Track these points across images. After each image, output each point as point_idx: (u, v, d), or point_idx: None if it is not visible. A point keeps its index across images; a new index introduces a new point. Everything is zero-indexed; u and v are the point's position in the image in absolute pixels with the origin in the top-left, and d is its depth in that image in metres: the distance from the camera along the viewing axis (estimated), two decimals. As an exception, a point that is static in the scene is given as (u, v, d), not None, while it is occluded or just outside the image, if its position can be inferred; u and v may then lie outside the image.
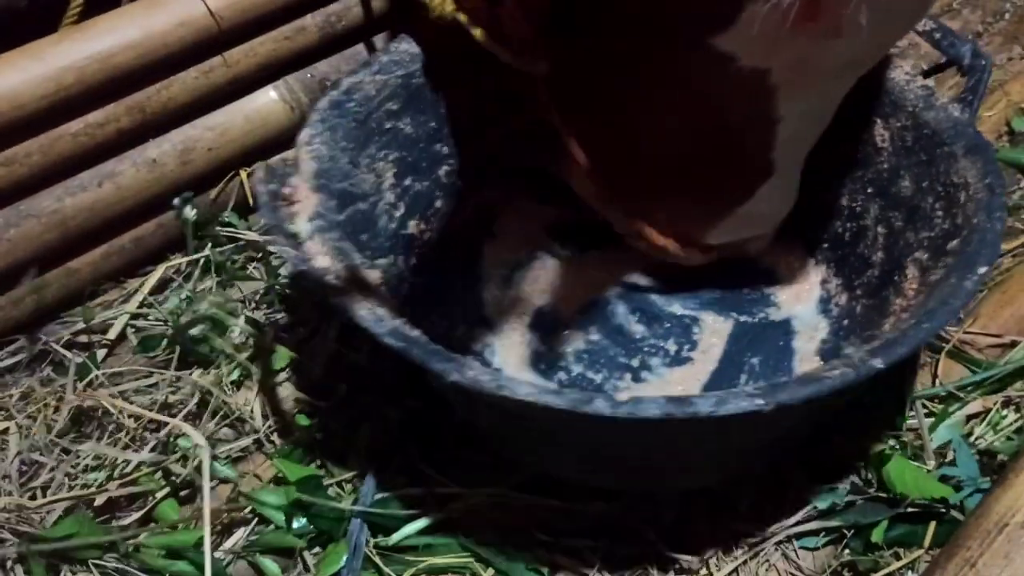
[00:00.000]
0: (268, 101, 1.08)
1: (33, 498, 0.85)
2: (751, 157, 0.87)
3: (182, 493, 0.87)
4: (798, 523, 0.84)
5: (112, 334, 1.00)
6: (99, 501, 0.85)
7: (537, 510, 0.85)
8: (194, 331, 0.97)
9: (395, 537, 0.84)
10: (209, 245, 1.05)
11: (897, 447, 0.88)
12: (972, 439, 0.89)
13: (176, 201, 1.04)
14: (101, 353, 0.99)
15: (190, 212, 1.03)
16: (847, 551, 0.83)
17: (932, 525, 0.83)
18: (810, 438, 0.88)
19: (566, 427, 0.74)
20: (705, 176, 0.89)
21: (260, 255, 1.06)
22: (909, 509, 0.83)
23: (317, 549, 0.84)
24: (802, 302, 1.01)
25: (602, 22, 0.83)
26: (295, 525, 0.85)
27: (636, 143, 0.90)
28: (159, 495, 0.86)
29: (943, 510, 0.83)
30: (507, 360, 0.96)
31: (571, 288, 1.02)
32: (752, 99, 0.80)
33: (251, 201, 1.10)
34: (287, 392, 0.95)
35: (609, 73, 0.86)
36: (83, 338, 1.00)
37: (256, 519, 0.86)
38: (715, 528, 0.84)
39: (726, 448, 0.82)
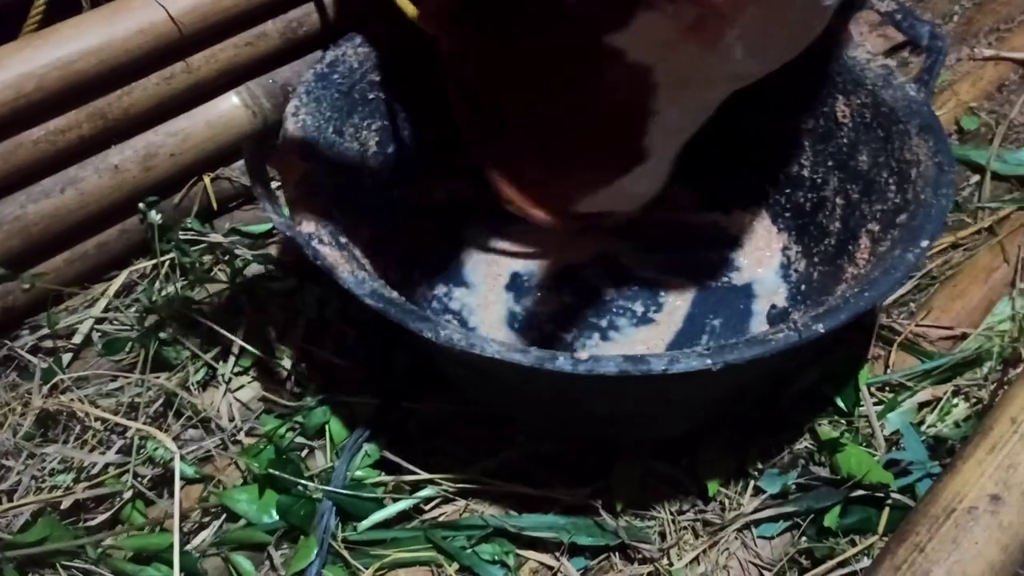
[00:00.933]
0: (230, 106, 1.07)
1: (-1, 502, 0.85)
2: (628, 141, 0.89)
3: (149, 493, 0.86)
4: (756, 510, 0.85)
5: (77, 339, 1.00)
6: (66, 504, 0.85)
7: (504, 498, 0.86)
8: (162, 334, 0.96)
9: (364, 524, 0.84)
10: (174, 249, 1.04)
11: (849, 433, 0.89)
12: (923, 427, 0.90)
13: (141, 206, 1.03)
14: (67, 358, 0.98)
15: (155, 216, 1.03)
16: (804, 538, 0.84)
17: (886, 512, 0.84)
18: (766, 399, 0.91)
19: (532, 382, 0.77)
20: (585, 151, 0.92)
21: (226, 257, 1.06)
22: (860, 492, 0.84)
23: (285, 547, 0.85)
24: (763, 267, 1.05)
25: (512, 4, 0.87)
26: (265, 521, 0.85)
27: (532, 110, 0.92)
28: (126, 496, 0.85)
29: (896, 496, 0.84)
30: (484, 320, 1.00)
31: (546, 252, 1.06)
32: (634, 91, 0.83)
33: (214, 205, 1.10)
34: (254, 392, 0.95)
35: (514, 47, 0.90)
36: (48, 343, 0.99)
37: (225, 516, 0.87)
38: (676, 517, 0.85)
39: (685, 402, 0.86)
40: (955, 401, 0.92)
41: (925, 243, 0.78)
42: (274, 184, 0.94)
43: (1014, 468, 0.73)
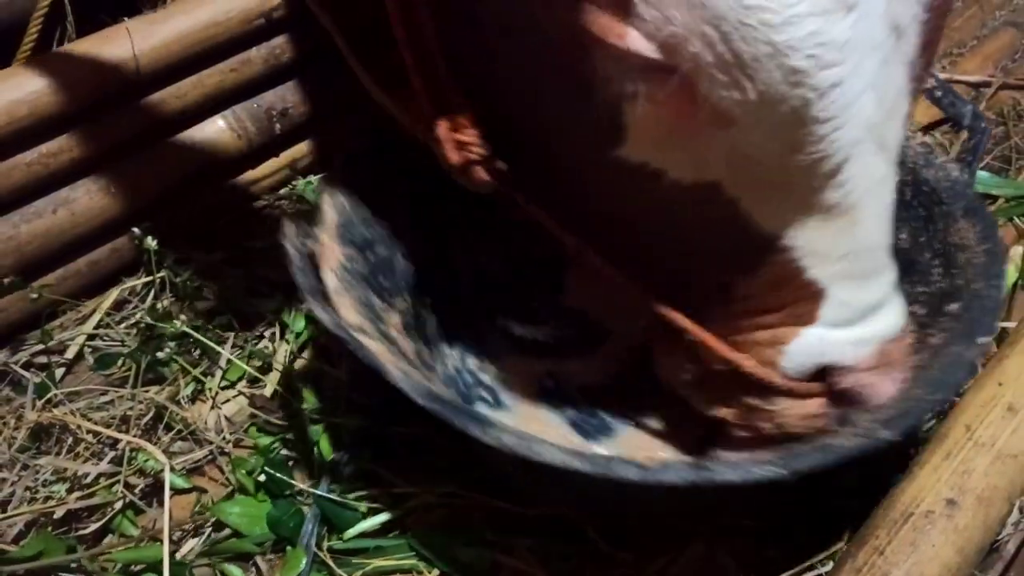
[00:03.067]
0: (216, 130, 1.08)
1: (-7, 512, 0.84)
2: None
3: (140, 503, 0.86)
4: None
5: (70, 354, 0.99)
6: (59, 513, 0.84)
7: (485, 509, 0.86)
8: (147, 357, 0.96)
9: (349, 533, 0.84)
10: (165, 268, 1.04)
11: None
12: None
13: (136, 231, 1.02)
14: (60, 372, 0.98)
15: (151, 242, 1.02)
16: (772, 544, 0.84)
17: (851, 518, 0.84)
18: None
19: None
20: None
21: (216, 276, 1.05)
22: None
23: (272, 557, 0.84)
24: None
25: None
26: (255, 532, 0.85)
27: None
28: (117, 506, 0.85)
29: (860, 504, 0.84)
30: (517, 392, 0.93)
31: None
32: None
33: (204, 225, 1.09)
34: (240, 406, 0.95)
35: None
36: (42, 358, 0.99)
37: (212, 527, 0.86)
38: (646, 524, 0.85)
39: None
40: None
41: (984, 340, 0.75)
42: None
43: (968, 474, 0.73)
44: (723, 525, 0.85)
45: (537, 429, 0.70)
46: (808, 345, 0.72)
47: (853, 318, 0.72)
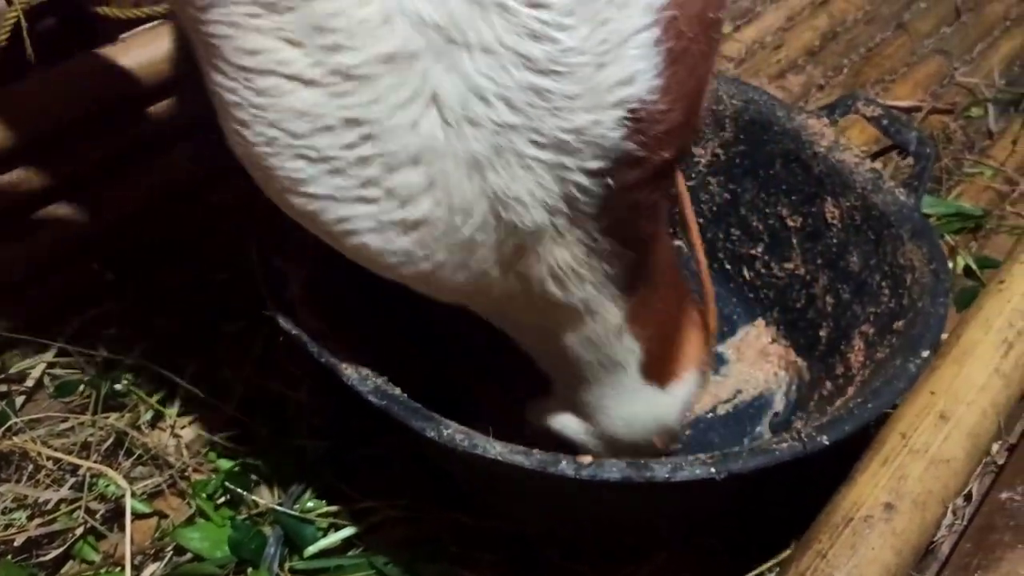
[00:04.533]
0: (179, 157, 1.07)
1: (-47, 541, 0.83)
2: None
3: (100, 528, 0.85)
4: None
5: (30, 382, 0.98)
6: (19, 540, 0.83)
7: (447, 523, 0.86)
8: (107, 384, 0.95)
9: (310, 551, 0.83)
10: (123, 295, 1.03)
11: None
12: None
13: (96, 261, 1.01)
14: (19, 400, 0.96)
15: (109, 273, 1.01)
16: (722, 555, 0.85)
17: (796, 524, 0.85)
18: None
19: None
20: None
21: (175, 304, 1.05)
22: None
23: (233, 581, 0.84)
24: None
25: None
26: (216, 555, 0.84)
27: None
28: (77, 532, 0.84)
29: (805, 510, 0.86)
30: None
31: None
32: None
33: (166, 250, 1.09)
34: (200, 431, 0.94)
35: None
36: (1, 387, 0.97)
37: (173, 551, 0.85)
38: (604, 540, 0.86)
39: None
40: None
41: (926, 353, 0.77)
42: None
43: (904, 479, 0.75)
44: (680, 540, 0.86)
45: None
46: None
47: None
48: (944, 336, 0.94)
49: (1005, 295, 0.91)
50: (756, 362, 1.00)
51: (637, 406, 0.76)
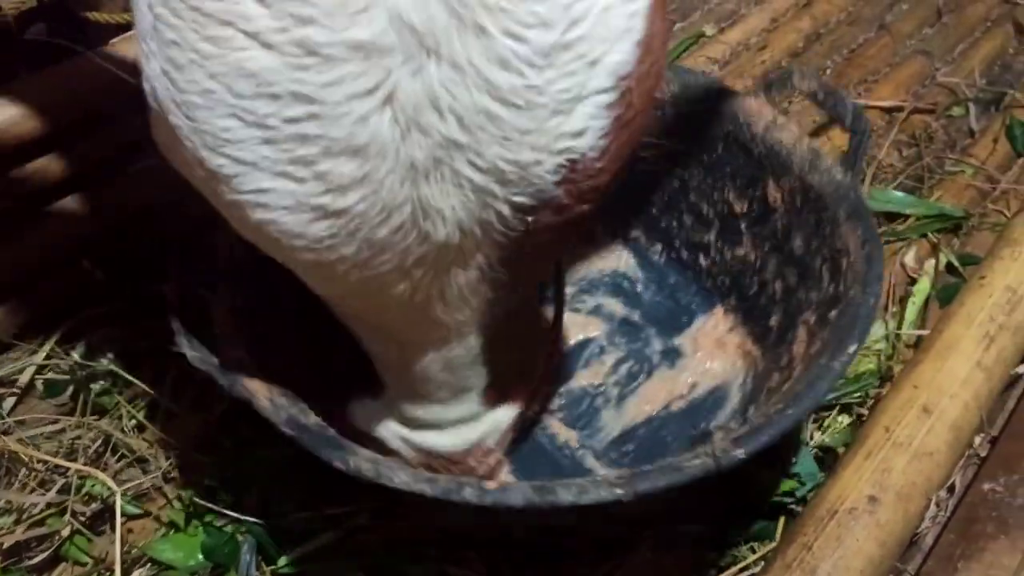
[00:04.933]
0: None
1: (-59, 545, 0.82)
2: None
3: (87, 531, 0.84)
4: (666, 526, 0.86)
5: (21, 383, 0.97)
6: (7, 543, 0.82)
7: (426, 525, 0.86)
8: (96, 386, 0.95)
9: (284, 560, 0.83)
10: (114, 298, 1.03)
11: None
12: (812, 443, 0.92)
13: (86, 263, 1.01)
14: (10, 402, 0.96)
15: (99, 274, 1.01)
16: (709, 548, 0.85)
17: (782, 520, 0.86)
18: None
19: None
20: None
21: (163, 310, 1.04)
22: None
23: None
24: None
25: None
26: (190, 564, 0.83)
27: None
28: (64, 534, 0.83)
29: (791, 506, 0.86)
30: None
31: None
32: None
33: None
34: (185, 436, 0.93)
35: None
36: (-10, 390, 0.97)
37: (149, 562, 0.85)
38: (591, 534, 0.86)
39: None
40: (840, 418, 0.94)
41: (852, 349, 0.73)
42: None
43: (888, 472, 0.76)
44: (665, 534, 0.86)
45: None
46: None
47: None
48: (927, 332, 0.96)
49: (986, 290, 0.93)
50: (713, 352, 0.99)
51: (467, 426, 0.77)
